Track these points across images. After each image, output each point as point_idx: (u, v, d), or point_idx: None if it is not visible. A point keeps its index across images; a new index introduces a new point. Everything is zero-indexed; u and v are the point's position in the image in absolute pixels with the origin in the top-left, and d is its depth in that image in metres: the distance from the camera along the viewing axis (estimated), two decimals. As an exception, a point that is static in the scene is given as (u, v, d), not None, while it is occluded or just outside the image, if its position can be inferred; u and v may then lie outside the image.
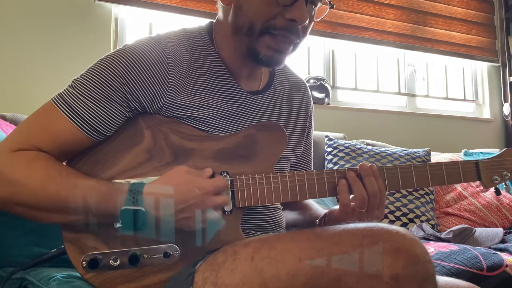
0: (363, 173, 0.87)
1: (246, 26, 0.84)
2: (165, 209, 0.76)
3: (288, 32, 0.84)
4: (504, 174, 0.97)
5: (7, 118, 1.52)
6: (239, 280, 0.71)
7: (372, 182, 0.86)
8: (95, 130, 0.81)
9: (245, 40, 0.86)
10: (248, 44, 0.86)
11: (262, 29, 0.83)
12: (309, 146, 1.12)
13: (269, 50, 0.85)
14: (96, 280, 0.79)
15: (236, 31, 0.87)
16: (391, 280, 0.62)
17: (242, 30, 0.85)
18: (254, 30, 0.84)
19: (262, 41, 0.84)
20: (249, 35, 0.85)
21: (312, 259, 0.68)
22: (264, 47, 0.85)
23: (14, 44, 1.90)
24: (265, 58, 0.86)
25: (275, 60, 0.87)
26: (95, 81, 0.82)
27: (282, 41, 0.85)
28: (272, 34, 0.84)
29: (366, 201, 0.85)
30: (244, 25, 0.85)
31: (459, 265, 1.30)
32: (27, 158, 0.78)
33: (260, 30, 0.84)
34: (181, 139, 0.85)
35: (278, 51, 0.86)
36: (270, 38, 0.84)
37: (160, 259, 0.80)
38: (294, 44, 0.87)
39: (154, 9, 2.15)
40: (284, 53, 0.87)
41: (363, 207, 0.85)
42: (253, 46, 0.85)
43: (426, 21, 2.90)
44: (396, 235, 0.66)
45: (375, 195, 0.85)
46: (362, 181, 0.86)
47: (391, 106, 2.87)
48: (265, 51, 0.85)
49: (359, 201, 0.85)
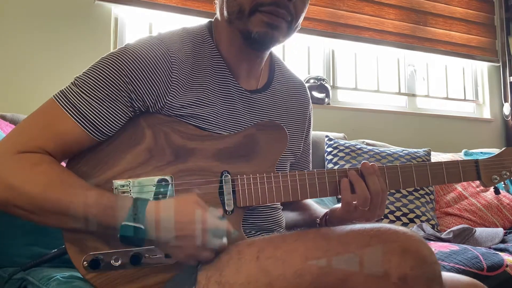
0: (365, 172, 0.86)
1: (236, 10, 0.86)
2: (162, 232, 0.75)
3: (276, 7, 0.84)
4: (503, 173, 0.97)
5: (7, 118, 1.52)
6: (244, 279, 0.70)
7: (375, 181, 0.86)
8: (98, 130, 0.81)
9: (238, 25, 0.87)
10: (240, 27, 0.87)
11: (251, 8, 0.84)
12: (308, 147, 1.12)
13: (261, 26, 0.85)
14: (97, 281, 0.79)
15: (229, 19, 0.88)
16: (399, 280, 0.62)
17: (233, 15, 0.87)
18: (244, 11, 0.85)
19: (254, 20, 0.85)
20: (240, 18, 0.86)
21: (319, 259, 0.67)
22: (256, 25, 0.85)
23: (14, 44, 1.90)
24: (257, 35, 0.85)
25: (269, 36, 0.86)
26: (99, 80, 0.81)
27: (273, 16, 0.85)
28: (261, 11, 0.84)
29: (368, 200, 0.85)
30: (234, 9, 0.86)
31: (460, 265, 1.30)
32: (30, 162, 0.77)
33: (249, 10, 0.84)
34: (182, 139, 0.85)
35: (270, 26, 0.85)
36: (260, 14, 0.84)
37: (161, 259, 0.79)
38: (287, 21, 0.87)
39: (154, 9, 2.15)
40: (277, 29, 0.86)
41: (365, 205, 0.85)
42: (245, 27, 0.86)
43: (426, 21, 2.90)
44: (403, 236, 0.66)
45: (378, 194, 0.85)
46: (365, 180, 0.86)
47: (391, 106, 2.87)
48: (257, 28, 0.85)
49: (361, 200, 0.85)
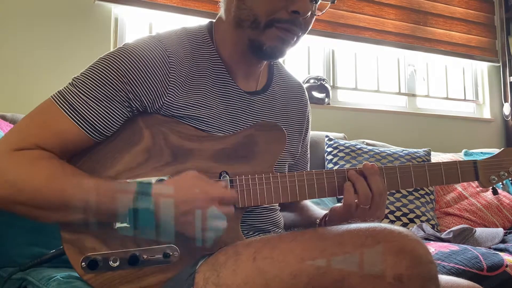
0: (367, 172, 0.87)
1: (250, 20, 0.85)
2: (169, 211, 0.76)
3: (292, 25, 0.85)
4: (502, 174, 0.97)
5: (7, 118, 1.52)
6: (241, 280, 0.70)
7: (377, 181, 0.86)
8: (96, 130, 0.81)
9: (249, 33, 0.86)
10: (251, 37, 0.86)
11: (267, 22, 0.84)
12: (306, 148, 1.13)
13: (275, 40, 0.86)
14: (95, 281, 0.79)
15: (239, 25, 0.87)
16: (394, 280, 0.62)
17: (245, 23, 0.86)
18: (259, 23, 0.85)
19: (268, 33, 0.85)
20: (253, 28, 0.85)
21: (315, 259, 0.67)
22: (270, 39, 0.86)
23: (14, 44, 1.90)
24: (269, 49, 0.86)
25: (279, 50, 0.88)
26: (96, 80, 0.81)
27: (288, 32, 0.86)
28: (277, 27, 0.85)
29: (370, 198, 0.85)
30: (247, 18, 0.85)
31: (459, 265, 1.30)
32: (30, 157, 0.77)
33: (265, 23, 0.84)
34: (181, 139, 0.85)
35: (282, 41, 0.87)
36: (276, 30, 0.85)
37: (160, 259, 0.80)
38: (297, 36, 0.89)
39: (154, 9, 2.15)
40: (288, 44, 0.88)
41: (367, 203, 0.85)
42: (257, 38, 0.86)
43: (426, 21, 2.89)
44: (399, 236, 0.66)
45: (380, 194, 0.86)
46: (367, 180, 0.86)
47: (391, 106, 2.86)
48: (270, 42, 0.86)
49: (363, 198, 0.85)
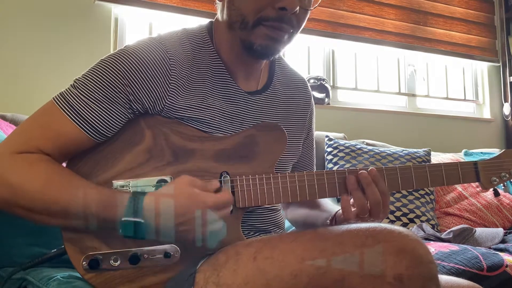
0: (363, 182, 0.85)
1: (239, 20, 0.85)
2: (164, 222, 0.76)
3: (281, 22, 0.84)
4: (503, 175, 0.97)
5: (7, 118, 1.52)
6: (242, 280, 0.70)
7: (374, 192, 0.85)
8: (97, 132, 0.81)
9: (239, 34, 0.86)
10: (242, 37, 0.86)
11: (255, 21, 0.84)
12: (310, 146, 1.11)
13: (264, 39, 0.85)
14: (96, 280, 0.79)
15: (231, 26, 0.88)
16: (394, 280, 0.62)
17: (236, 24, 0.86)
18: (247, 23, 0.84)
19: (257, 32, 0.85)
20: (243, 29, 0.85)
21: (315, 259, 0.67)
22: (259, 37, 0.85)
23: (14, 44, 1.90)
24: (260, 47, 0.86)
25: (271, 49, 0.87)
26: (97, 82, 0.81)
27: (276, 30, 0.85)
28: (265, 25, 0.84)
29: (367, 209, 0.85)
30: (237, 19, 0.85)
31: (459, 265, 1.30)
32: (29, 161, 0.77)
33: (253, 23, 0.84)
34: (182, 140, 0.85)
35: (272, 39, 0.86)
36: (264, 28, 0.84)
37: (161, 259, 0.80)
38: (289, 33, 0.87)
39: (154, 9, 2.16)
40: (279, 42, 0.87)
41: (364, 213, 0.85)
42: (247, 38, 0.86)
43: (426, 21, 2.90)
44: (399, 236, 0.66)
45: (377, 204, 0.85)
46: (364, 190, 0.85)
47: (391, 106, 2.87)
48: (260, 41, 0.85)
49: (359, 209, 0.85)
